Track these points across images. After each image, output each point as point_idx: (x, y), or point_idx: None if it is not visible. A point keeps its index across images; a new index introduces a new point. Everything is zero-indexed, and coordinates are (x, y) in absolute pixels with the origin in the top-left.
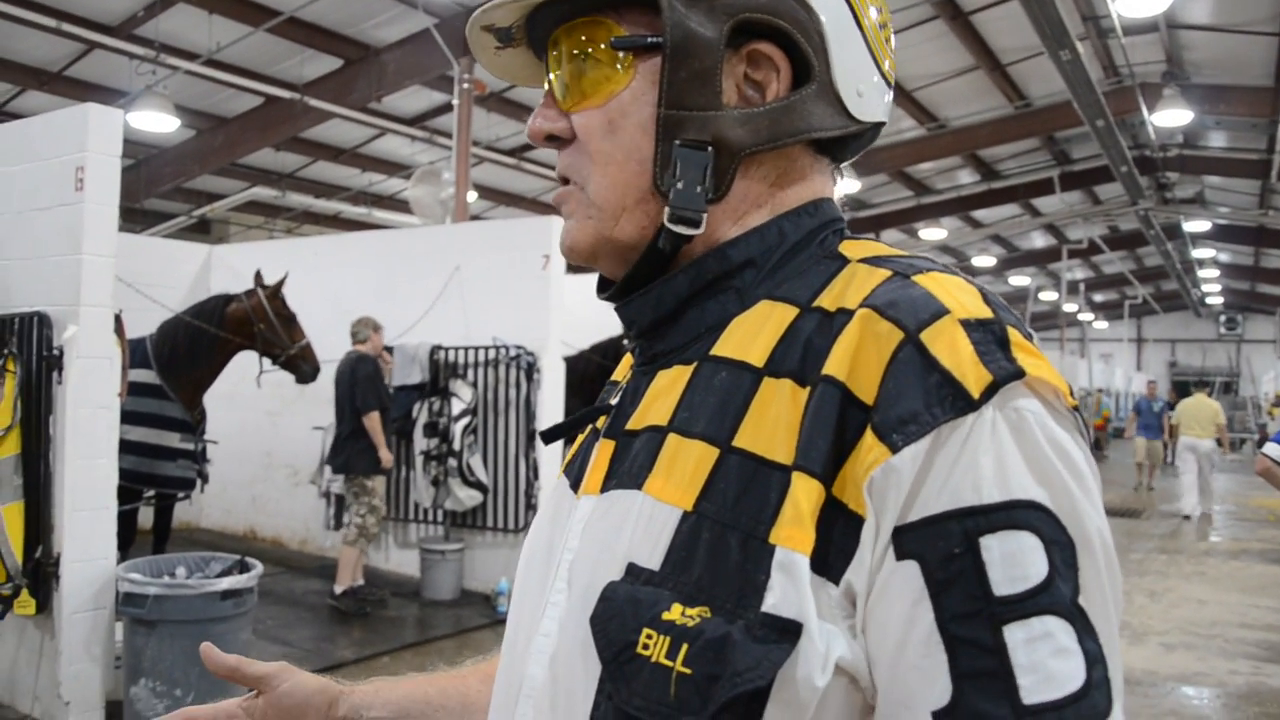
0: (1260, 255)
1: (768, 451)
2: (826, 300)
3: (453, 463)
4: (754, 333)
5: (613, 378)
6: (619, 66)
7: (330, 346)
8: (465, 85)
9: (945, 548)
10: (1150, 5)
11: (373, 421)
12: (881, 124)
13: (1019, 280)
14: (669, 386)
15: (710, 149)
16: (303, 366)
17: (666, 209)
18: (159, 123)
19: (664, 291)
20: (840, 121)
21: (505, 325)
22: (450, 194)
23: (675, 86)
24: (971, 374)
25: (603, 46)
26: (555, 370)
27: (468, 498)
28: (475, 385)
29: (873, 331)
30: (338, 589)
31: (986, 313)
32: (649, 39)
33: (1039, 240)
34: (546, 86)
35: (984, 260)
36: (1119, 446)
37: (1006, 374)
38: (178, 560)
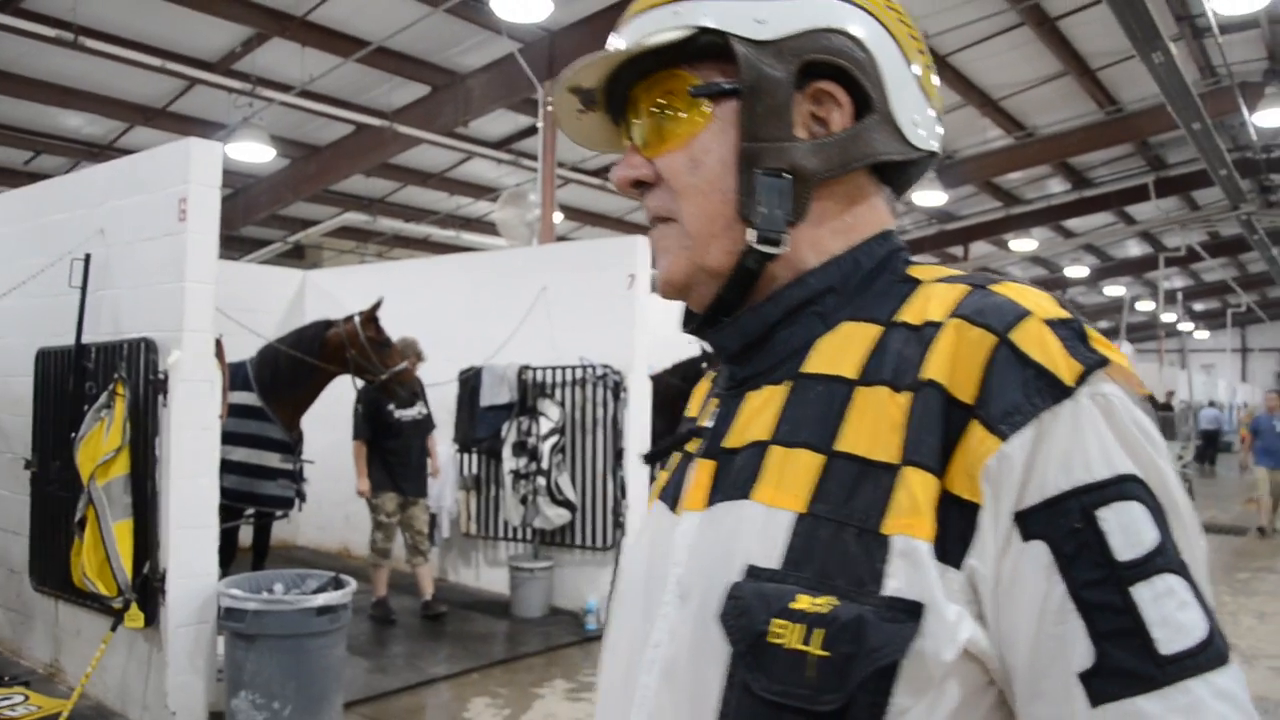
0: None
1: (870, 452)
2: (909, 315)
3: (541, 481)
4: (842, 349)
5: (688, 413)
6: (697, 112)
7: (420, 368)
8: (549, 108)
9: (1067, 524)
10: (1250, 1)
11: (355, 449)
12: (935, 154)
13: (1114, 290)
14: (764, 405)
15: (788, 176)
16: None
17: (752, 232)
18: (256, 153)
19: (752, 318)
20: (900, 148)
21: (591, 345)
22: (536, 215)
23: (753, 121)
24: (1063, 365)
25: (681, 96)
26: (641, 389)
27: (556, 516)
28: (563, 404)
29: (966, 338)
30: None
31: (1064, 313)
32: (725, 85)
33: (1134, 249)
34: (628, 143)
35: (1077, 270)
36: (1225, 461)
37: (1093, 362)
38: (275, 577)
